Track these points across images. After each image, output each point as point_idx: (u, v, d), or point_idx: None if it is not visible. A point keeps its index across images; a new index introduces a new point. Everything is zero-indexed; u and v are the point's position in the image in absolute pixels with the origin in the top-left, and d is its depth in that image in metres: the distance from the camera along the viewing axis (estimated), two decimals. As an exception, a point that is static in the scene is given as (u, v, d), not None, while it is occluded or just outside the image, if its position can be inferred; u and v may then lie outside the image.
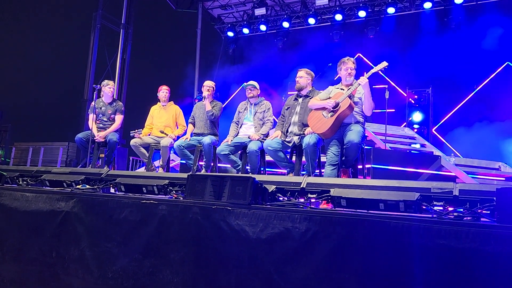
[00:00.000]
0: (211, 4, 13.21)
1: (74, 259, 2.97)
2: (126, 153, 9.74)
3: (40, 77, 11.93)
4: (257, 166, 4.85)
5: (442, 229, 2.02)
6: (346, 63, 4.35)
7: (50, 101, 11.74)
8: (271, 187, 2.82)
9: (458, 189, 2.50)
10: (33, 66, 11.91)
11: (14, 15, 12.07)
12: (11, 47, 11.97)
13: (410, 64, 10.45)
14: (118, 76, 11.61)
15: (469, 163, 7.58)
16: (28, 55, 11.89)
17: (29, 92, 11.82)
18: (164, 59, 12.64)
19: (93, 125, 5.79)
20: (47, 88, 11.89)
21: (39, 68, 11.86)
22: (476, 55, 9.84)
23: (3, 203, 3.41)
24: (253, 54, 13.18)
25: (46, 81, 11.90)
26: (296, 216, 2.36)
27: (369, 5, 11.08)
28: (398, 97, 10.47)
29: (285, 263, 2.31)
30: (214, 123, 5.57)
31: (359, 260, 2.16)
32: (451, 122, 10.23)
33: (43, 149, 10.57)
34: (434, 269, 2.00)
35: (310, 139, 4.29)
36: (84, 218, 3.02)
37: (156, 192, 3.25)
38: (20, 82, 11.93)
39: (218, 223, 2.53)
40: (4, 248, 3.29)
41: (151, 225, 2.75)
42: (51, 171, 4.02)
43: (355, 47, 11.38)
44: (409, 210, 2.43)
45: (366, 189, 2.69)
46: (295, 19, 12.29)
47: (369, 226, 2.18)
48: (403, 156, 6.55)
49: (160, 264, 2.65)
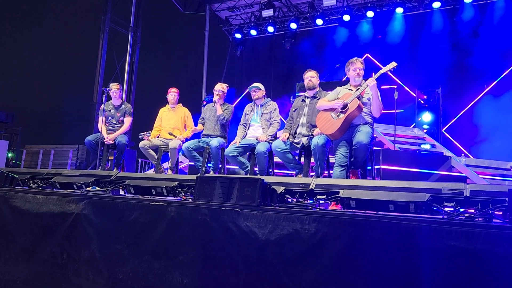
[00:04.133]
0: (218, 6, 13.26)
1: (85, 260, 2.99)
2: (135, 155, 9.81)
3: (50, 80, 12.06)
4: (265, 168, 4.84)
5: (453, 230, 2.00)
6: (355, 63, 4.33)
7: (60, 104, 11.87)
8: (280, 188, 2.82)
9: (469, 190, 2.47)
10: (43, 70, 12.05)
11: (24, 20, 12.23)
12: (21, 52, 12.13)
13: (419, 64, 10.38)
14: (126, 79, 11.70)
15: (479, 163, 7.50)
16: (38, 58, 12.04)
17: (40, 95, 11.96)
18: (172, 61, 12.71)
19: (103, 127, 5.83)
20: (57, 91, 12.02)
21: (49, 71, 11.99)
22: (486, 54, 9.73)
23: (14, 205, 3.44)
24: (261, 56, 13.19)
25: (56, 84, 12.03)
26: (305, 217, 2.35)
27: (377, 5, 11.02)
28: (407, 98, 10.39)
29: (294, 265, 2.30)
30: (224, 125, 5.57)
31: (369, 261, 2.15)
32: (461, 122, 10.13)
33: (53, 151, 10.69)
34: (445, 270, 1.98)
35: (319, 140, 4.27)
36: (94, 220, 3.04)
37: (165, 194, 3.26)
38: (31, 85, 12.08)
39: (227, 224, 2.53)
40: (17, 249, 3.33)
41: (160, 226, 2.76)
42: (61, 173, 4.06)
43: (363, 48, 11.33)
44: (419, 211, 2.41)
45: (376, 190, 2.67)
46: (302, 20, 12.27)
47: (379, 227, 2.16)
48: (413, 157, 6.50)
49: (170, 266, 2.66)
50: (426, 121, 9.89)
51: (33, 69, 12.09)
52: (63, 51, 11.98)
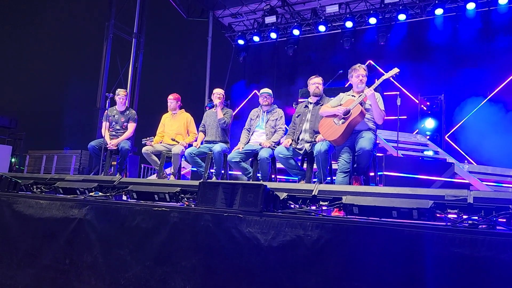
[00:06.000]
0: (221, 12, 13.33)
1: (87, 266, 2.99)
2: (138, 161, 9.83)
3: (54, 86, 12.13)
4: (268, 174, 4.84)
5: (457, 237, 1.99)
6: (357, 70, 4.34)
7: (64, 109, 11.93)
8: (283, 194, 2.81)
9: (473, 197, 2.47)
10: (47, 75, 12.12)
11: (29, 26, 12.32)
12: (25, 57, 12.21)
13: (422, 70, 10.38)
14: (130, 85, 11.75)
15: (483, 170, 7.47)
16: (42, 64, 12.11)
17: (43, 101, 12.02)
18: (175, 67, 12.77)
19: (106, 133, 5.85)
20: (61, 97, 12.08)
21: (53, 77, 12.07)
22: (489, 61, 9.73)
23: (18, 210, 3.45)
24: (264, 62, 13.23)
25: (60, 90, 12.10)
26: (308, 223, 2.34)
27: (380, 12, 11.05)
28: (410, 104, 10.39)
29: (297, 271, 2.29)
30: (226, 130, 5.58)
31: (372, 268, 2.14)
32: (464, 128, 10.10)
33: (56, 157, 10.72)
34: (449, 278, 1.97)
35: (322, 147, 4.27)
36: (96, 225, 3.04)
37: (167, 199, 3.26)
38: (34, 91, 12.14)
39: (230, 230, 2.53)
40: (19, 254, 3.33)
41: (163, 232, 2.76)
42: (64, 178, 4.07)
43: (366, 54, 11.35)
44: (422, 218, 2.40)
45: (379, 196, 2.66)
46: (305, 26, 12.32)
47: (382, 234, 2.15)
48: (416, 163, 6.49)
49: (172, 272, 2.66)
50: (429, 128, 9.88)
51: (37, 74, 12.16)
52: (67, 56, 12.06)
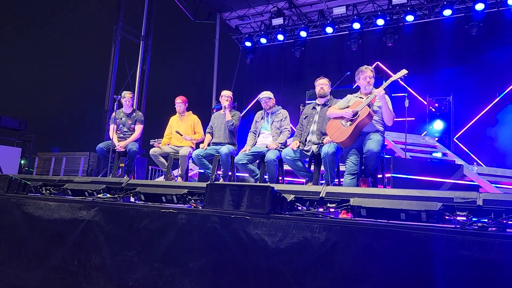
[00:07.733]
0: (229, 15, 13.37)
1: (96, 267, 3.01)
2: (145, 163, 9.88)
3: (63, 88, 12.25)
4: (275, 175, 4.84)
5: (466, 240, 1.97)
6: (365, 71, 4.33)
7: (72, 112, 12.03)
8: (290, 196, 2.81)
9: (482, 199, 2.44)
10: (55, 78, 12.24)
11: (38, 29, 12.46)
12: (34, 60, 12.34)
13: (430, 72, 10.31)
14: (138, 87, 11.82)
15: (492, 172, 7.39)
16: (51, 67, 12.24)
17: (52, 103, 12.14)
18: (182, 69, 12.83)
19: (114, 135, 5.89)
20: (69, 99, 12.19)
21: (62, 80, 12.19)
22: (498, 62, 9.64)
23: (27, 212, 3.48)
24: (271, 64, 13.24)
25: (68, 93, 12.22)
26: (315, 225, 2.34)
27: (387, 13, 11.01)
28: (418, 106, 10.32)
29: (304, 273, 2.29)
30: (233, 132, 5.59)
31: (380, 271, 2.12)
32: (473, 130, 10.00)
33: (65, 159, 10.81)
34: (458, 281, 1.95)
35: (329, 148, 4.26)
36: (105, 227, 3.06)
37: (175, 201, 3.27)
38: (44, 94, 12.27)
39: (237, 232, 2.53)
40: (29, 255, 3.36)
41: (170, 234, 2.77)
42: (73, 180, 4.10)
43: (374, 56, 11.31)
44: (431, 220, 2.38)
45: (387, 198, 2.65)
46: (312, 28, 12.31)
47: (390, 236, 2.14)
48: (424, 165, 6.43)
49: (179, 273, 2.66)
50: (438, 129, 9.79)
51: (46, 77, 12.29)
52: (76, 59, 12.18)
